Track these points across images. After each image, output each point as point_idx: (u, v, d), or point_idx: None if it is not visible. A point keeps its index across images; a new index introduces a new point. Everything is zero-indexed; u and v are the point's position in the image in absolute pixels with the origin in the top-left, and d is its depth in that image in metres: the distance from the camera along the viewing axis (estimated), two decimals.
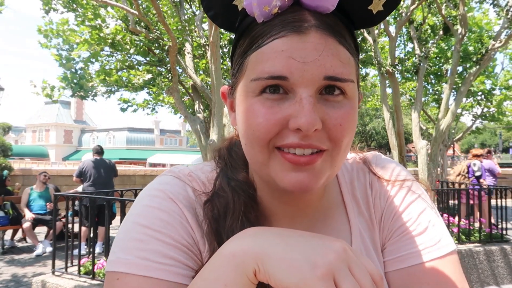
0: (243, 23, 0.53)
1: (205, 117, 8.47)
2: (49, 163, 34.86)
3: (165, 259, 0.50)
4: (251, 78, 0.49)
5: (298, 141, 0.48)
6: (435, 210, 0.63)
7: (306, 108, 0.46)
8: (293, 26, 0.47)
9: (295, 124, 0.47)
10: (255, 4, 0.48)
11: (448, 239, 0.59)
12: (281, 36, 0.47)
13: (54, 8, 7.69)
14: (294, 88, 0.48)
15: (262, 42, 0.49)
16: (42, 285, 3.93)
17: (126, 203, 3.83)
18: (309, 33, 0.47)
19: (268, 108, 0.48)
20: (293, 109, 0.47)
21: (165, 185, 0.57)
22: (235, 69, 0.54)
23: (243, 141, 0.52)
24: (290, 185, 0.50)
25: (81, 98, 8.52)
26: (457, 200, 5.93)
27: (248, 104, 0.50)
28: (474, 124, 16.37)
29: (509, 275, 4.93)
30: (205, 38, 7.60)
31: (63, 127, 51.49)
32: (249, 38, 0.51)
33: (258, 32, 0.49)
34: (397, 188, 0.64)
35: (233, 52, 0.56)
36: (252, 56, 0.50)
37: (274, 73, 0.47)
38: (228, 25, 0.56)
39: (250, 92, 0.50)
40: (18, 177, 10.35)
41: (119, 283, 0.49)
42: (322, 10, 0.49)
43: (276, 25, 0.48)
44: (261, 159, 0.51)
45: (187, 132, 52.82)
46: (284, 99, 0.48)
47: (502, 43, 8.10)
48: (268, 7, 0.48)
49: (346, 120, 0.50)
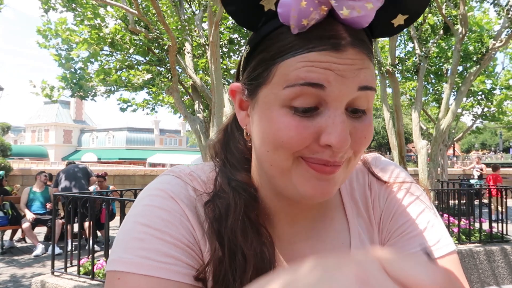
0: (268, 25, 0.50)
1: (205, 117, 8.47)
2: (49, 163, 34.90)
3: (166, 258, 0.50)
4: (284, 86, 0.48)
5: (326, 159, 0.48)
6: (434, 211, 0.63)
7: (339, 126, 0.47)
8: (331, 43, 0.46)
9: (327, 140, 0.47)
10: (295, 16, 0.46)
11: (447, 239, 0.59)
12: (318, 50, 0.46)
13: (53, 7, 7.68)
14: (327, 101, 0.47)
15: (296, 52, 0.47)
16: (42, 285, 3.92)
17: (126, 203, 3.82)
18: (346, 50, 0.47)
19: (299, 122, 0.48)
20: (325, 124, 0.47)
21: (166, 185, 0.57)
22: (255, 73, 0.52)
23: (265, 147, 0.51)
24: (312, 193, 0.50)
25: (80, 98, 8.52)
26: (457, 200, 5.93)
27: (276, 115, 0.49)
28: (474, 124, 16.37)
29: (509, 275, 4.92)
30: (205, 38, 7.59)
31: (62, 127, 51.49)
32: (279, 46, 0.49)
33: (291, 42, 0.48)
34: (396, 189, 0.64)
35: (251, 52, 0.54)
36: (283, 64, 0.48)
37: (311, 79, 0.46)
38: (249, 23, 0.53)
39: (279, 101, 0.49)
40: (18, 177, 10.35)
41: (119, 282, 0.49)
42: (356, 26, 0.48)
43: (313, 39, 0.47)
44: (285, 165, 0.50)
45: (187, 132, 52.84)
46: (314, 113, 0.48)
47: (503, 42, 8.10)
48: (306, 21, 0.46)
49: (369, 131, 0.51)
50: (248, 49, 0.54)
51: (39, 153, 46.41)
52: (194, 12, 9.20)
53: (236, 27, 9.33)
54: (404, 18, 0.52)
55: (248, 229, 0.54)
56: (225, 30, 9.17)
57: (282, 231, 0.60)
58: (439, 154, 8.88)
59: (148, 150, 48.74)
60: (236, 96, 0.58)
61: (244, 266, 0.51)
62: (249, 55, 0.54)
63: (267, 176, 0.56)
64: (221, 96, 6.04)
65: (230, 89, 0.59)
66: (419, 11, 0.52)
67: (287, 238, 0.60)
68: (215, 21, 5.64)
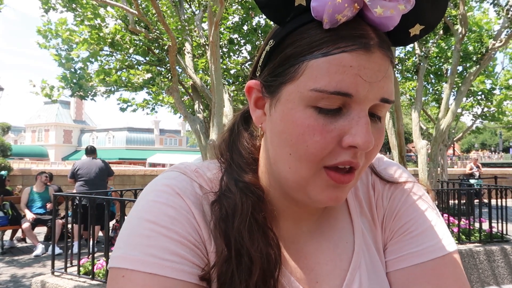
0: (297, 19, 0.50)
1: (205, 117, 8.46)
2: (49, 163, 34.90)
3: (172, 256, 0.49)
4: (313, 88, 0.47)
5: (350, 159, 0.48)
6: (436, 211, 0.63)
7: (365, 127, 0.47)
8: (362, 42, 0.46)
9: (351, 141, 0.47)
10: (330, 10, 0.45)
11: (449, 239, 0.60)
12: (350, 50, 0.46)
13: (53, 8, 7.68)
14: (351, 105, 0.48)
15: (328, 51, 0.47)
16: (42, 285, 3.92)
17: (126, 203, 3.82)
18: (374, 52, 0.47)
19: (323, 125, 0.47)
20: (348, 126, 0.47)
21: (172, 180, 0.56)
22: (280, 69, 0.51)
23: (288, 149, 0.50)
24: (325, 201, 0.51)
25: (80, 98, 8.51)
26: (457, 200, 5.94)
27: (300, 116, 0.48)
28: (474, 124, 16.37)
29: (509, 275, 4.93)
30: (205, 38, 7.59)
31: (62, 127, 51.48)
32: (308, 42, 0.48)
33: (323, 38, 0.47)
34: (399, 189, 0.65)
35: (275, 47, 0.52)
36: (313, 62, 0.47)
37: (341, 89, 0.46)
38: (277, 17, 0.52)
39: (304, 101, 0.48)
40: (18, 177, 10.34)
41: (124, 280, 0.48)
42: (382, 28, 0.49)
43: (345, 37, 0.47)
44: (305, 174, 0.50)
45: (187, 132, 52.82)
46: (338, 115, 0.48)
47: (502, 42, 8.10)
48: (340, 16, 0.46)
49: (381, 139, 0.52)
50: (272, 43, 0.53)
51: (39, 153, 46.40)
52: (194, 12, 9.20)
53: (236, 27, 9.33)
54: (420, 29, 0.53)
55: (255, 231, 0.53)
56: (225, 30, 9.17)
57: (286, 231, 0.60)
58: (439, 154, 8.88)
59: (148, 150, 48.73)
60: (253, 93, 0.57)
61: (250, 268, 0.51)
62: (273, 50, 0.53)
63: (279, 177, 0.55)
64: (221, 96, 6.04)
65: (247, 86, 0.57)
66: (435, 22, 0.53)
67: (291, 238, 0.60)
68: (215, 21, 5.64)
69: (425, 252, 0.58)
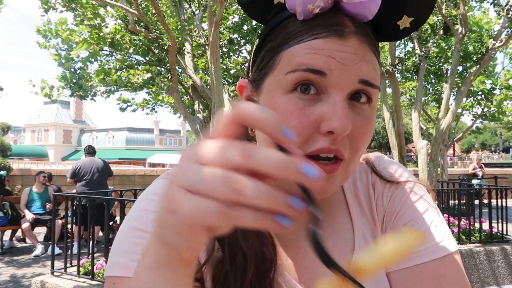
0: (278, 16, 0.52)
1: (205, 117, 8.46)
2: (49, 163, 34.89)
3: None
4: (286, 71, 0.48)
5: (328, 146, 0.48)
6: (437, 211, 0.62)
7: (341, 111, 0.46)
8: (335, 29, 0.47)
9: (328, 126, 0.46)
10: (301, 1, 0.47)
11: (450, 239, 0.59)
12: (322, 36, 0.47)
13: (53, 7, 7.68)
14: (328, 89, 0.48)
15: (302, 39, 0.48)
16: (41, 285, 3.92)
17: (126, 203, 3.82)
18: (349, 38, 0.48)
19: (301, 110, 0.48)
20: (325, 111, 0.47)
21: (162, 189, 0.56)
22: (263, 63, 0.53)
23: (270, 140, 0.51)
24: None
25: (80, 98, 8.51)
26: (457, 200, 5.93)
27: (279, 103, 0.49)
28: (474, 124, 16.36)
29: (509, 275, 4.92)
30: (205, 38, 7.59)
31: (62, 127, 51.47)
32: (285, 34, 0.50)
33: (297, 29, 0.49)
34: (400, 189, 0.64)
35: (260, 45, 0.55)
36: (288, 51, 0.49)
37: (313, 66, 0.47)
38: (260, 16, 0.55)
39: (281, 88, 0.49)
40: (17, 177, 10.33)
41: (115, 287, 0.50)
42: (360, 18, 0.49)
43: (317, 26, 0.48)
44: None
45: (187, 132, 52.85)
46: (315, 100, 0.48)
47: (503, 42, 8.10)
48: (311, 6, 0.47)
49: (368, 129, 0.51)
50: (257, 43, 0.55)
51: (39, 153, 46.39)
52: (194, 12, 9.19)
53: (236, 27, 9.34)
54: (410, 21, 0.53)
55: (249, 229, 0.53)
56: (225, 30, 9.17)
57: None
58: (439, 154, 8.87)
59: (148, 150, 48.73)
60: (244, 92, 0.58)
61: (245, 267, 0.51)
62: (258, 48, 0.55)
63: None
64: (221, 96, 6.03)
65: (238, 85, 0.59)
66: (425, 14, 0.53)
67: (288, 237, 0.60)
68: (215, 21, 5.64)
69: (426, 253, 0.57)
